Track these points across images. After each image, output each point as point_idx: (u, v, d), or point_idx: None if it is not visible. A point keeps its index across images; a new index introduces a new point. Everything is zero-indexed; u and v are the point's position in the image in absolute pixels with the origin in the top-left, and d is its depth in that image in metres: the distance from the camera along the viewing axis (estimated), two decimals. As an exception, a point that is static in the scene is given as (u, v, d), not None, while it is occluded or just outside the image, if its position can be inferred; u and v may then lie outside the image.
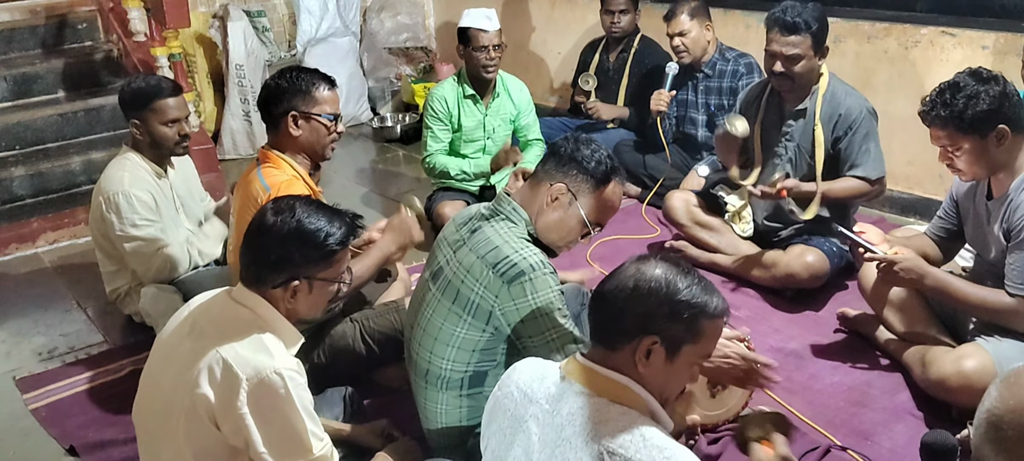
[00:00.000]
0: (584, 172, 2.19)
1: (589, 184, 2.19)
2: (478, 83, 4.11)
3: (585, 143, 2.21)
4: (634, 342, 1.60)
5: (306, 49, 6.05)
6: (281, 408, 1.89)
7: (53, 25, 5.21)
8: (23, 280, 3.98)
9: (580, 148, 2.20)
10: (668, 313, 1.60)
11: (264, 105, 2.69)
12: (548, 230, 2.22)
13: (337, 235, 1.97)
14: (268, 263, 1.94)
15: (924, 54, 4.02)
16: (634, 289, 1.61)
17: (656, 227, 4.20)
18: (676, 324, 1.60)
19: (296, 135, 2.65)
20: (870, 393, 2.82)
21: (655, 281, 1.61)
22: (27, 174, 4.46)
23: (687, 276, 1.64)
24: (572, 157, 2.19)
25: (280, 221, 1.94)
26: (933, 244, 2.88)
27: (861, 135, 3.24)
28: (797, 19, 3.19)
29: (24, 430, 2.84)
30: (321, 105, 2.66)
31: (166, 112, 3.15)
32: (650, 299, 1.60)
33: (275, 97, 2.66)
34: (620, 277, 1.66)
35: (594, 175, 2.19)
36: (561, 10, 5.80)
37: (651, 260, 1.67)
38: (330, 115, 2.68)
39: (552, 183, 2.20)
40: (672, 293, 1.60)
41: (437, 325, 2.22)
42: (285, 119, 2.64)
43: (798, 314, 3.33)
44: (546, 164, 2.24)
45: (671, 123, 4.42)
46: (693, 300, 1.61)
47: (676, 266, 1.65)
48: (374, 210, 4.75)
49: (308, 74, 2.68)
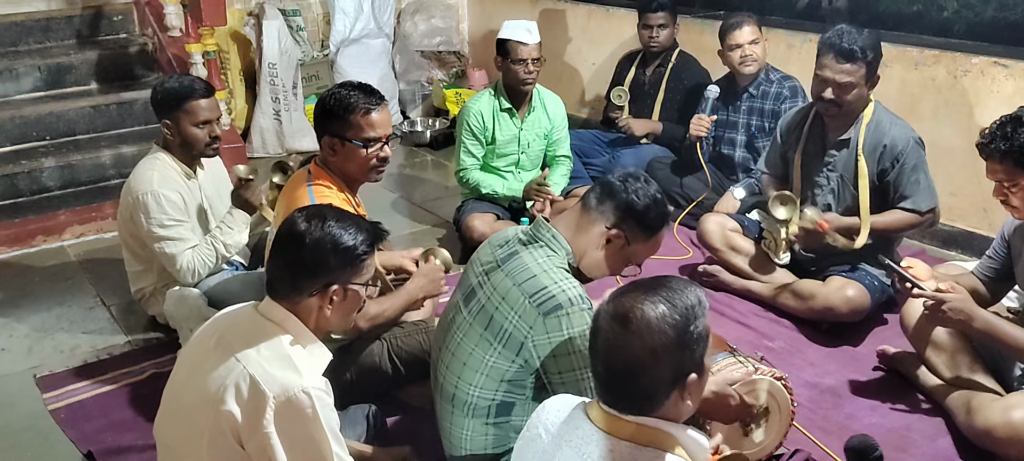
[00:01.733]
0: (640, 223, 2.15)
1: (644, 234, 2.16)
2: (514, 96, 4.05)
3: (643, 192, 2.14)
4: (668, 398, 1.56)
5: (339, 49, 6.03)
6: (307, 428, 1.84)
7: (89, 16, 5.21)
8: (47, 273, 3.96)
9: (640, 198, 2.13)
10: (689, 355, 1.55)
11: (314, 121, 2.66)
12: (594, 268, 2.18)
13: (365, 240, 1.95)
14: (304, 269, 1.89)
15: (974, 84, 3.91)
16: (650, 355, 1.53)
17: (688, 248, 4.12)
18: (697, 350, 1.56)
19: (334, 159, 2.61)
20: (910, 437, 2.73)
21: (661, 336, 1.52)
22: (57, 165, 4.45)
23: (673, 300, 1.55)
24: (631, 206, 2.13)
25: (313, 227, 1.90)
26: (981, 284, 2.80)
27: (910, 166, 3.14)
28: (854, 47, 3.07)
29: (43, 431, 2.81)
30: (356, 129, 2.58)
31: (198, 113, 3.12)
32: (671, 357, 1.53)
33: (319, 116, 2.61)
34: (626, 351, 1.55)
35: (651, 227, 2.16)
36: (597, 21, 5.73)
37: (635, 313, 1.54)
38: (364, 141, 2.59)
39: (608, 227, 2.14)
40: (681, 336, 1.54)
41: (467, 350, 2.16)
42: (326, 141, 2.60)
43: (835, 349, 3.24)
44: (602, 203, 2.16)
45: (708, 143, 4.33)
46: (699, 326, 1.56)
47: (652, 301, 1.55)
48: (401, 215, 4.71)
49: (348, 94, 2.58)
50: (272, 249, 1.96)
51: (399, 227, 4.50)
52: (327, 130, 2.59)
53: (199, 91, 3.14)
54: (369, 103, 2.58)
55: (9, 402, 2.97)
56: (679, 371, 1.54)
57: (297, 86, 5.62)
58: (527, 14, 5.87)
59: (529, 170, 4.23)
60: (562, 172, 4.25)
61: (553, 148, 4.25)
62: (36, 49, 5.03)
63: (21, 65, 4.80)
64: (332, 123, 2.58)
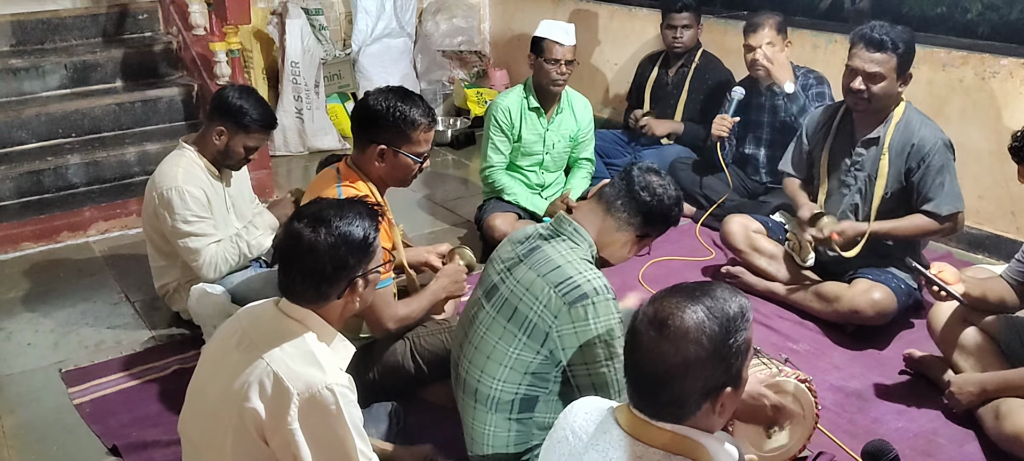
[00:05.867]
0: (665, 223, 2.25)
1: (665, 229, 2.27)
2: (544, 96, 4.04)
3: (666, 195, 2.20)
4: (700, 408, 1.53)
5: (361, 49, 6.05)
6: (331, 425, 1.83)
7: (114, 14, 5.25)
8: (73, 269, 3.99)
9: (665, 200, 2.20)
10: (724, 367, 1.51)
11: (358, 123, 2.63)
12: (617, 259, 2.28)
13: (371, 225, 1.94)
14: (325, 278, 1.88)
15: (1002, 86, 3.86)
16: (682, 365, 1.49)
17: (711, 250, 4.09)
18: (734, 363, 1.52)
19: (379, 166, 2.61)
20: (937, 442, 2.69)
21: (697, 347, 1.48)
22: (82, 162, 4.49)
23: (713, 303, 1.52)
24: (654, 211, 2.20)
25: (322, 234, 1.87)
26: (1009, 288, 2.75)
27: (936, 167, 3.10)
28: (885, 37, 3.06)
29: (68, 426, 2.83)
30: (413, 145, 2.60)
31: (255, 141, 3.20)
32: (705, 369, 1.49)
33: (371, 123, 2.58)
34: (659, 357, 1.51)
35: (674, 222, 2.27)
36: (619, 21, 5.71)
37: (672, 318, 1.51)
38: (418, 155, 2.61)
39: (638, 235, 2.23)
40: (719, 348, 1.50)
41: (490, 344, 2.16)
42: (372, 149, 2.58)
43: (861, 352, 3.20)
44: (619, 198, 2.20)
45: (731, 144, 4.30)
46: (739, 338, 1.52)
47: (690, 303, 1.52)
48: (423, 214, 4.71)
49: (410, 109, 2.57)
50: (282, 262, 1.93)
51: (421, 226, 4.50)
52: (380, 139, 2.57)
53: (268, 122, 3.21)
54: (429, 119, 2.61)
55: (35, 396, 2.99)
56: (712, 383, 1.51)
57: (319, 85, 5.64)
58: (550, 14, 5.85)
59: (552, 171, 4.21)
60: (583, 176, 4.23)
61: (577, 151, 4.23)
62: (62, 47, 5.08)
63: (48, 63, 4.84)
64: (386, 133, 2.56)
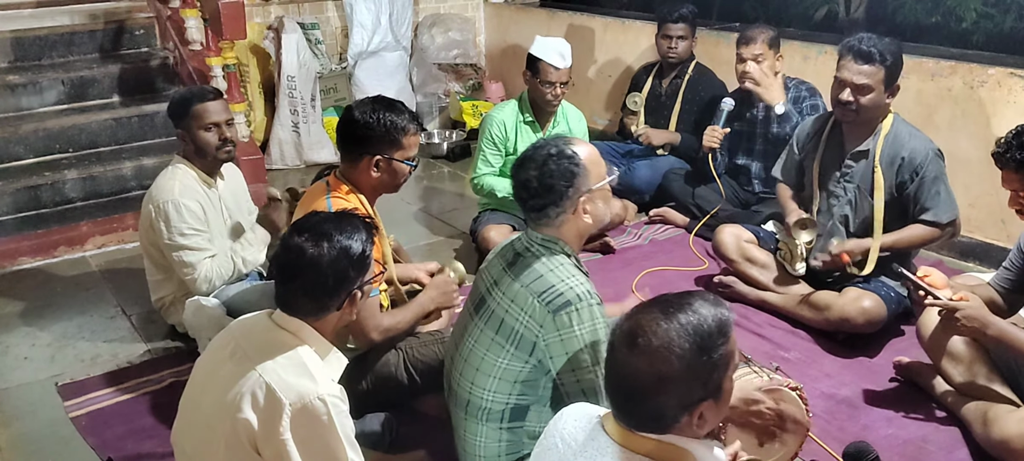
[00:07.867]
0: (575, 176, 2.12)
1: (589, 178, 2.13)
2: (539, 111, 4.06)
3: (554, 169, 2.10)
4: (678, 421, 1.53)
5: (357, 62, 6.08)
6: (323, 436, 1.85)
7: (111, 30, 5.28)
8: (69, 283, 4.02)
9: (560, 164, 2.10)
10: (701, 382, 1.51)
11: (346, 138, 2.64)
12: (582, 238, 2.21)
13: (367, 238, 1.98)
14: (327, 291, 1.91)
15: (990, 95, 3.89)
16: (655, 381, 1.48)
17: (704, 260, 4.11)
18: (712, 376, 1.52)
19: (374, 176, 2.63)
20: (926, 448, 2.71)
21: (666, 365, 1.47)
22: (79, 177, 4.51)
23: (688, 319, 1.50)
24: (562, 173, 2.10)
25: (323, 248, 1.89)
26: (997, 295, 2.78)
27: (930, 178, 3.14)
28: (872, 49, 3.10)
29: (64, 439, 2.85)
30: (405, 151, 2.64)
31: (205, 116, 3.18)
32: (679, 384, 1.49)
33: (361, 137, 2.60)
34: (632, 372, 1.51)
35: (590, 173, 2.13)
36: (613, 33, 5.75)
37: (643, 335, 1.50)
38: (410, 159, 2.66)
39: (554, 206, 2.13)
40: (693, 362, 1.49)
41: (479, 355, 2.18)
42: (366, 160, 2.61)
43: (851, 359, 3.22)
44: (534, 198, 2.14)
45: (724, 155, 4.34)
46: (718, 352, 1.51)
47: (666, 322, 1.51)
48: (418, 226, 4.73)
49: (397, 117, 2.60)
50: (281, 276, 1.94)
51: (416, 238, 4.52)
52: (373, 150, 2.59)
53: (206, 95, 3.22)
54: (416, 123, 2.65)
55: (31, 409, 3.01)
56: (689, 398, 1.50)
57: (315, 98, 5.67)
58: (545, 27, 5.89)
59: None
60: None
61: None
62: (59, 63, 5.11)
63: (45, 78, 4.87)
64: (379, 144, 2.59)
